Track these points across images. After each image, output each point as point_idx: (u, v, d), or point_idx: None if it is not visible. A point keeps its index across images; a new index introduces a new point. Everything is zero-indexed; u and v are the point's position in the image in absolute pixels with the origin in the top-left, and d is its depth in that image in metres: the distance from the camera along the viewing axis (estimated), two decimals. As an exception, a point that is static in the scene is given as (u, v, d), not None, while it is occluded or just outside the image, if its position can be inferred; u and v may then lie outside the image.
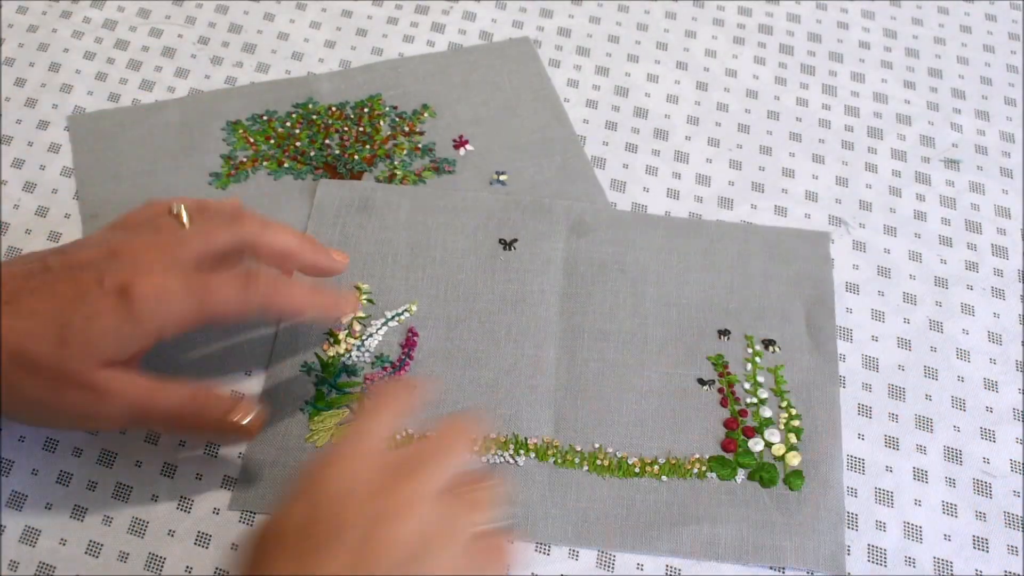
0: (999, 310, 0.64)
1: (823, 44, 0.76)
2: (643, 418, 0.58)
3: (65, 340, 0.47)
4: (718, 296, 0.63)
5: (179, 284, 0.49)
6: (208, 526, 0.54)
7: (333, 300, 0.55)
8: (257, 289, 0.50)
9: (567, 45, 0.74)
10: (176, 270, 0.50)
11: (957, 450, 0.59)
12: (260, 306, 0.51)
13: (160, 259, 0.50)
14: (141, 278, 0.48)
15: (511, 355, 0.60)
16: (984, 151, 0.71)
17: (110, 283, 0.48)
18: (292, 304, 0.52)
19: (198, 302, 0.49)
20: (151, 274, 0.49)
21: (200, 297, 0.49)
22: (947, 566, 0.55)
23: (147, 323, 0.48)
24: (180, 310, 0.49)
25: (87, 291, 0.48)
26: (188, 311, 0.49)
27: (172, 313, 0.49)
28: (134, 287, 0.48)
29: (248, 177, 0.66)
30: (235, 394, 0.58)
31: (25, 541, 0.53)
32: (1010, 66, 0.76)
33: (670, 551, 0.54)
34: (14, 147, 0.67)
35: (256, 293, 0.50)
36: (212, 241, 0.51)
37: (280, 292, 0.52)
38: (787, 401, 0.59)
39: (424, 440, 0.49)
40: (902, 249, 0.66)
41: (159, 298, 0.48)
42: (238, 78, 0.71)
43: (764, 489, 0.56)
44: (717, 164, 0.69)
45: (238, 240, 0.52)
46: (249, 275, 0.50)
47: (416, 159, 0.68)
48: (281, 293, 0.52)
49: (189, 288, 0.49)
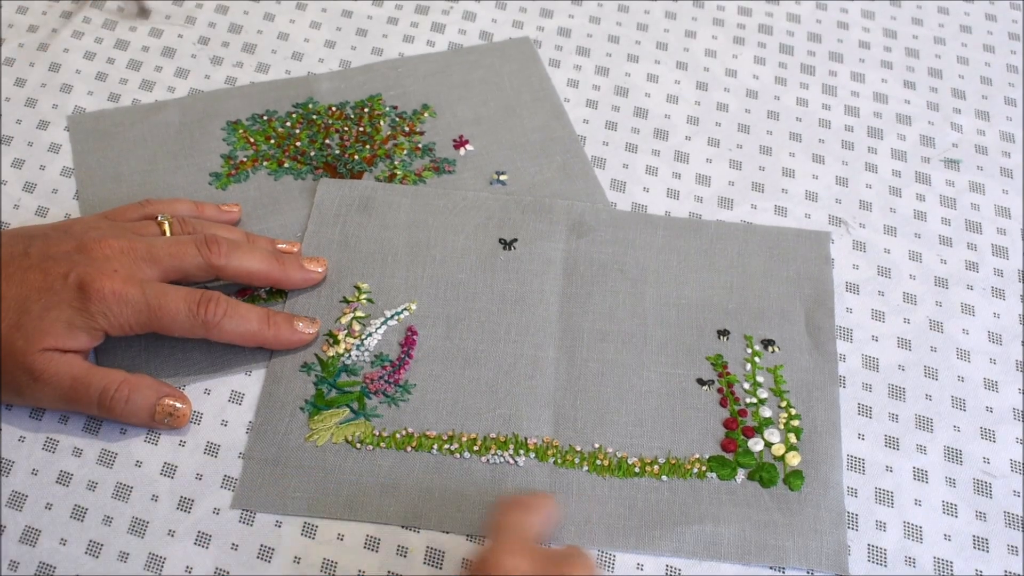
0: (999, 310, 0.64)
1: (823, 44, 0.76)
2: (643, 418, 0.58)
3: (20, 324, 0.52)
4: (718, 296, 0.63)
5: (136, 293, 0.53)
6: (208, 526, 0.54)
7: (287, 334, 0.58)
8: (208, 314, 0.55)
9: (567, 45, 0.74)
10: (137, 280, 0.54)
11: (957, 450, 0.59)
12: (209, 330, 0.55)
13: (127, 266, 0.54)
14: (103, 279, 0.53)
15: (511, 355, 0.60)
16: (984, 151, 0.71)
17: (74, 277, 0.53)
18: (243, 330, 0.56)
19: (149, 314, 0.54)
20: (113, 278, 0.53)
21: (153, 310, 0.54)
22: (947, 566, 0.55)
23: (99, 320, 0.53)
24: (130, 317, 0.54)
25: (52, 282, 0.53)
26: (137, 320, 0.54)
27: (122, 317, 0.53)
28: (93, 285, 0.53)
29: (248, 177, 0.66)
30: (235, 394, 0.58)
31: (25, 541, 0.53)
32: (1010, 66, 0.76)
33: (673, 551, 0.54)
34: (14, 147, 0.67)
35: (208, 317, 0.55)
36: (180, 261, 0.56)
37: (232, 318, 0.56)
38: (787, 401, 0.59)
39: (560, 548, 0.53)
40: (902, 249, 0.66)
41: (114, 301, 0.53)
42: (238, 78, 0.71)
43: (764, 489, 0.56)
44: (717, 164, 0.69)
45: (204, 265, 0.56)
46: (203, 299, 0.55)
47: (416, 159, 0.68)
48: (233, 320, 0.56)
49: (145, 300, 0.54)
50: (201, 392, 0.58)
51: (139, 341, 0.59)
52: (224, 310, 0.55)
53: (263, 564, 0.53)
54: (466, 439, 0.57)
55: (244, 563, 0.53)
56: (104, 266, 0.54)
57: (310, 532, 0.54)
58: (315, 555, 0.53)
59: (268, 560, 0.53)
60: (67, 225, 0.57)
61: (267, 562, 0.53)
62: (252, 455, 0.56)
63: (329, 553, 0.53)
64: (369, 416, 0.57)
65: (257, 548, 0.53)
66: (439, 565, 0.53)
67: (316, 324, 0.59)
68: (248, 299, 0.61)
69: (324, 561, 0.53)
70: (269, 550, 0.53)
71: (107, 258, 0.54)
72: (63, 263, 0.53)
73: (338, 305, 0.61)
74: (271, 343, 0.58)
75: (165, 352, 0.58)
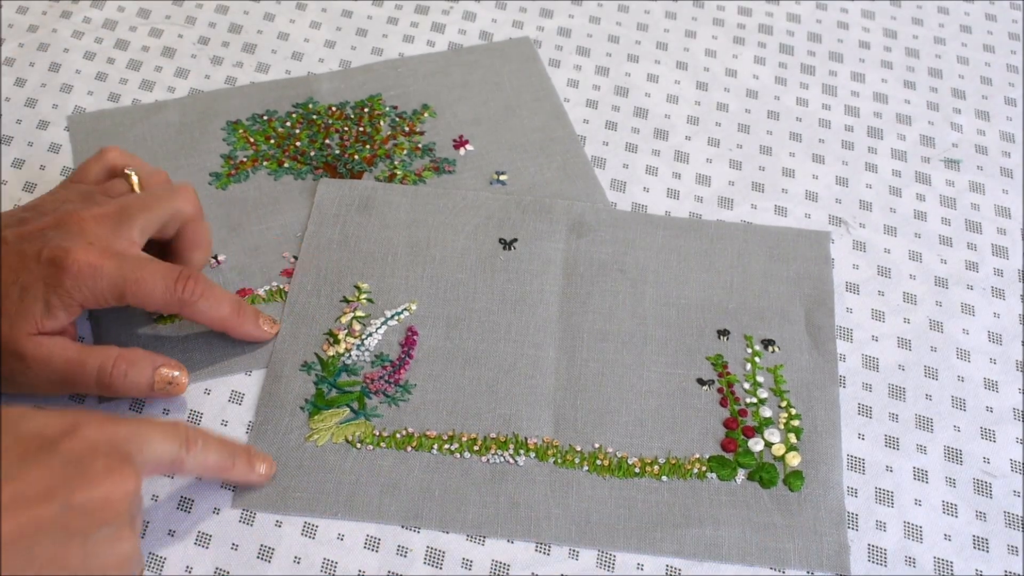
0: (999, 310, 0.64)
1: (823, 44, 0.76)
2: (643, 418, 0.58)
3: (3, 311, 0.52)
4: (718, 296, 0.63)
5: (111, 266, 0.53)
6: (208, 526, 0.54)
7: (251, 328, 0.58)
8: (186, 292, 0.54)
9: (567, 45, 0.74)
10: (114, 251, 0.53)
11: (957, 450, 0.59)
12: (183, 307, 0.55)
13: (103, 237, 0.53)
14: (76, 252, 0.52)
15: (511, 355, 0.60)
16: (984, 151, 0.71)
17: (47, 254, 0.52)
18: (214, 314, 0.56)
19: (125, 288, 0.53)
20: (88, 251, 0.52)
21: (129, 284, 0.53)
22: (947, 566, 0.55)
23: (74, 295, 0.52)
24: (105, 289, 0.53)
25: (28, 263, 0.52)
26: (112, 293, 0.53)
27: (97, 290, 0.53)
28: (67, 259, 0.52)
29: (248, 177, 0.66)
30: (235, 394, 0.58)
31: (25, 541, 0.53)
32: (1010, 66, 0.76)
33: (674, 552, 0.54)
34: (14, 147, 0.67)
35: (185, 295, 0.54)
36: (153, 213, 0.56)
37: (207, 300, 0.55)
38: (787, 401, 0.59)
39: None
40: (902, 249, 0.66)
41: (88, 274, 0.52)
42: (238, 78, 0.71)
43: (764, 490, 0.56)
44: (717, 164, 0.69)
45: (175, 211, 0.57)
46: (181, 275, 0.54)
47: (416, 159, 0.68)
48: (208, 301, 0.55)
49: (121, 272, 0.53)
50: (201, 392, 0.58)
51: (139, 340, 0.59)
52: (201, 290, 0.55)
53: (263, 564, 0.53)
54: (466, 439, 0.57)
55: (244, 563, 0.53)
56: (79, 240, 0.53)
57: (310, 532, 0.54)
58: (315, 555, 0.53)
59: (268, 560, 0.53)
60: (38, 203, 0.56)
61: (267, 562, 0.53)
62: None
63: (329, 553, 0.53)
64: (369, 416, 0.57)
65: (257, 548, 0.53)
66: (439, 565, 0.53)
67: (276, 327, 0.60)
68: (248, 299, 0.61)
69: (324, 561, 0.53)
70: (269, 550, 0.53)
71: (83, 231, 0.53)
72: (38, 241, 0.53)
73: (338, 305, 0.61)
74: (235, 332, 0.58)
75: (165, 352, 0.58)
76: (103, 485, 0.44)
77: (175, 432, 0.48)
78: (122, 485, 0.44)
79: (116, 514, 0.44)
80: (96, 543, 0.44)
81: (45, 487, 0.43)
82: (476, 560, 0.54)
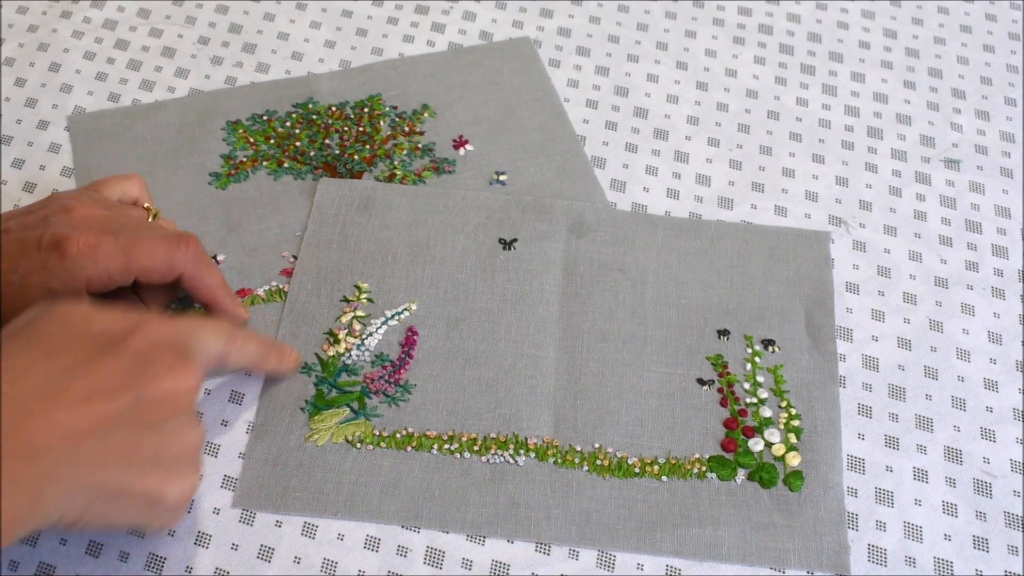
0: (999, 310, 0.64)
1: (823, 44, 0.76)
2: (643, 418, 0.58)
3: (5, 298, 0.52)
4: (717, 296, 0.63)
5: (111, 240, 0.53)
6: (208, 526, 0.54)
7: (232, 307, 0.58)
8: (185, 252, 0.55)
9: (567, 45, 0.74)
10: (112, 230, 0.53)
11: (957, 450, 0.59)
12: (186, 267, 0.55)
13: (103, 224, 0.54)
14: (76, 234, 0.52)
15: (511, 355, 0.60)
16: (984, 151, 0.71)
17: (48, 238, 0.52)
18: (210, 281, 0.56)
19: (127, 261, 0.53)
20: (87, 233, 0.52)
21: (131, 252, 0.53)
22: (947, 566, 0.55)
23: (77, 276, 0.52)
24: (107, 264, 0.53)
25: (28, 249, 0.52)
26: (116, 266, 0.53)
27: (99, 266, 0.52)
28: (67, 240, 0.52)
29: (248, 177, 0.66)
30: (235, 394, 0.58)
31: (25, 541, 0.53)
32: (1010, 66, 0.76)
33: (674, 552, 0.54)
34: (14, 147, 0.67)
35: (183, 256, 0.55)
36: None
37: (202, 267, 0.56)
38: (787, 401, 0.59)
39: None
40: (902, 249, 0.66)
41: (89, 252, 0.52)
42: (238, 78, 0.71)
43: (764, 490, 0.56)
44: (717, 164, 0.69)
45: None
46: (180, 238, 0.55)
47: (416, 159, 0.68)
48: (203, 268, 0.56)
49: (119, 245, 0.53)
50: (201, 392, 0.58)
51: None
52: (201, 251, 0.56)
53: (263, 564, 0.53)
54: (466, 439, 0.57)
55: (244, 563, 0.53)
56: (80, 224, 0.53)
57: (310, 532, 0.54)
58: (315, 555, 0.53)
59: (268, 560, 0.53)
60: (49, 199, 0.56)
61: (267, 562, 0.53)
62: (252, 455, 0.56)
63: (329, 553, 0.53)
64: (369, 416, 0.57)
65: (257, 548, 0.53)
66: (439, 565, 0.53)
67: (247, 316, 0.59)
68: (247, 299, 0.61)
69: (324, 561, 0.53)
70: (269, 550, 0.53)
71: (85, 218, 0.54)
72: (39, 228, 0.53)
73: (338, 304, 0.61)
74: (219, 304, 0.58)
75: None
76: (168, 379, 0.46)
77: (222, 328, 0.52)
78: (186, 380, 0.47)
79: (184, 406, 0.47)
80: (167, 433, 0.46)
81: (118, 381, 0.45)
82: (476, 560, 0.54)
